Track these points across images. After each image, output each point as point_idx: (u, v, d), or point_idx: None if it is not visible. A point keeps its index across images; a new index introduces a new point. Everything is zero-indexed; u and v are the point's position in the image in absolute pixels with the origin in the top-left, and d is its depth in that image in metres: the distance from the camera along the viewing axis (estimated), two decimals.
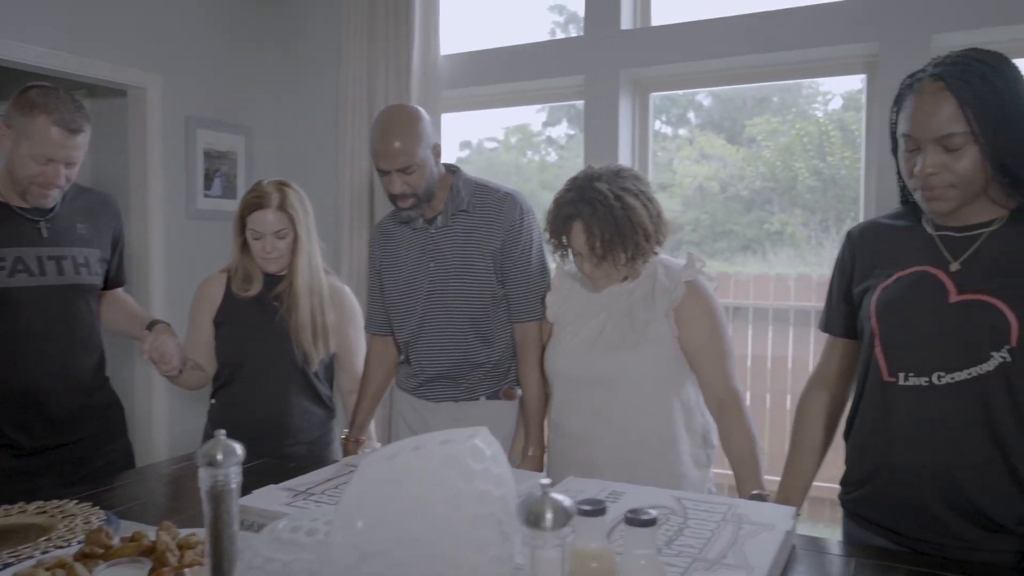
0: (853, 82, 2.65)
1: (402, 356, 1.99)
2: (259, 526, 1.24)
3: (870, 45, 2.39)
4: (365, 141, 2.95)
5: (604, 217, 1.58)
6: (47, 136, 1.66)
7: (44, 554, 1.16)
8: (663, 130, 4.16)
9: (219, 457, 0.94)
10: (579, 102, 2.89)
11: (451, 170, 1.92)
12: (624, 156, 2.77)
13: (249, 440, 1.89)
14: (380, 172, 1.81)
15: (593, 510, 0.85)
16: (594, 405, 1.66)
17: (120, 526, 1.28)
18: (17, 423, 1.74)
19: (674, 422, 1.65)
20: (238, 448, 0.95)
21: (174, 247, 3.11)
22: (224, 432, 0.97)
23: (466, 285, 1.85)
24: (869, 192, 2.55)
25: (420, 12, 2.89)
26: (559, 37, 2.88)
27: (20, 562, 1.13)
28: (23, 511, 1.35)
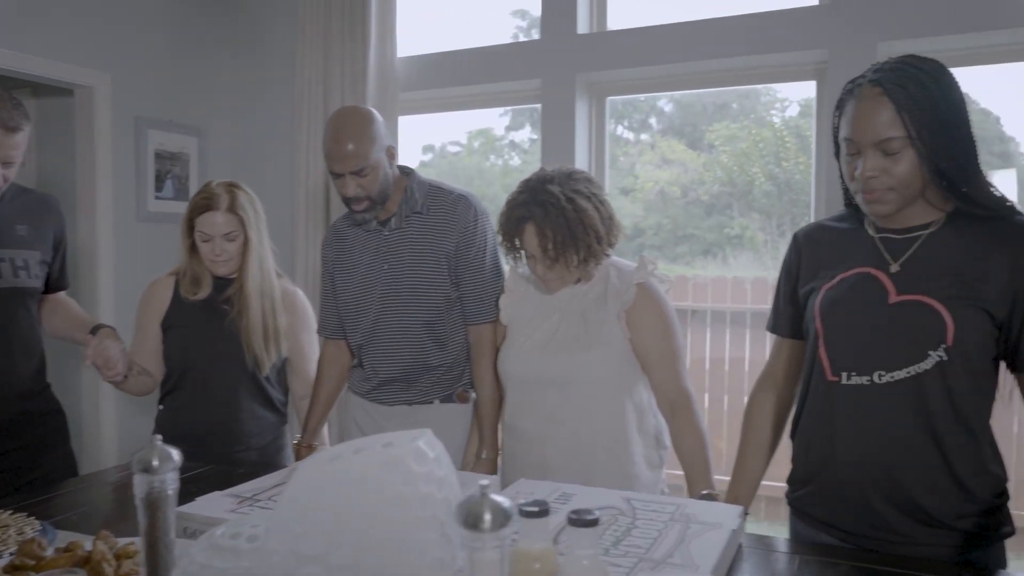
0: (809, 89, 2.71)
1: (355, 360, 1.97)
2: (201, 534, 1.21)
3: (820, 52, 2.44)
4: (321, 143, 2.92)
5: (556, 219, 1.58)
6: None
7: None
8: (625, 135, 4.20)
9: (155, 463, 0.91)
10: (538, 106, 2.90)
11: (405, 172, 1.91)
12: (581, 159, 2.79)
13: (198, 446, 1.88)
14: (333, 175, 1.79)
15: (535, 511, 0.85)
16: (547, 407, 1.67)
17: (56, 537, 1.24)
18: None
19: (627, 423, 1.66)
20: (175, 454, 0.93)
21: (124, 250, 3.03)
22: (161, 437, 0.95)
23: (420, 287, 1.84)
24: (820, 196, 2.60)
25: (376, 14, 2.87)
26: (516, 41, 2.88)
27: None
28: None
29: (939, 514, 1.21)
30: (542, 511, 0.86)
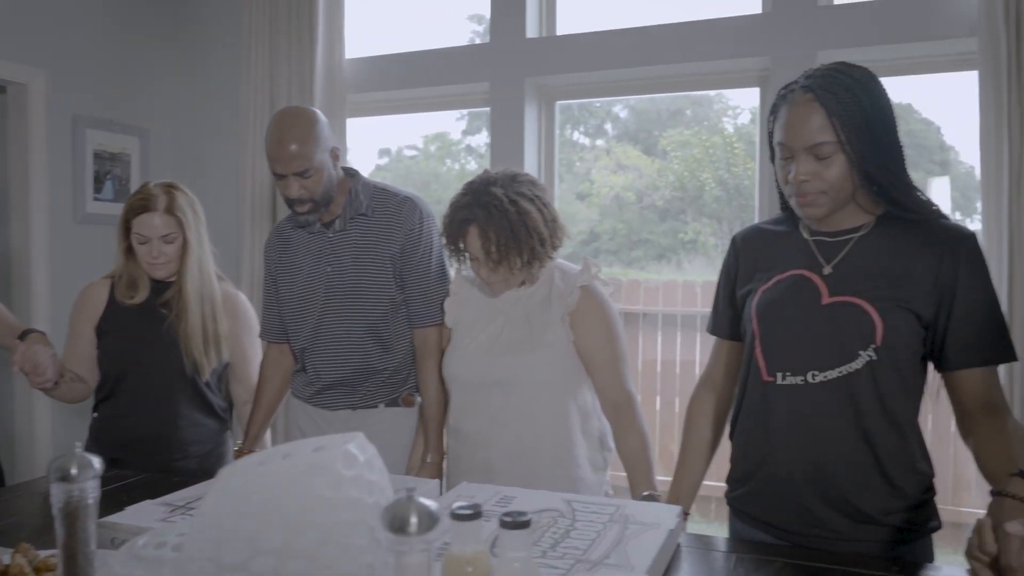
0: (756, 96, 2.76)
1: (298, 364, 1.94)
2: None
3: (763, 60, 2.49)
4: None
5: (499, 222, 1.58)
6: None
7: None
8: (581, 140, 4.23)
9: (73, 471, 0.88)
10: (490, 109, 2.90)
11: (350, 174, 1.89)
12: (531, 163, 2.80)
13: (134, 454, 1.83)
14: (275, 176, 1.76)
15: (466, 514, 0.84)
16: (491, 409, 1.66)
17: None
18: None
19: (571, 426, 1.66)
20: (95, 461, 0.90)
21: (60, 253, 2.93)
22: (80, 445, 0.92)
23: (364, 290, 1.82)
24: (763, 200, 2.65)
25: (324, 14, 2.84)
26: (466, 44, 2.88)
27: None
28: None
29: (870, 510, 1.23)
30: (474, 514, 0.85)
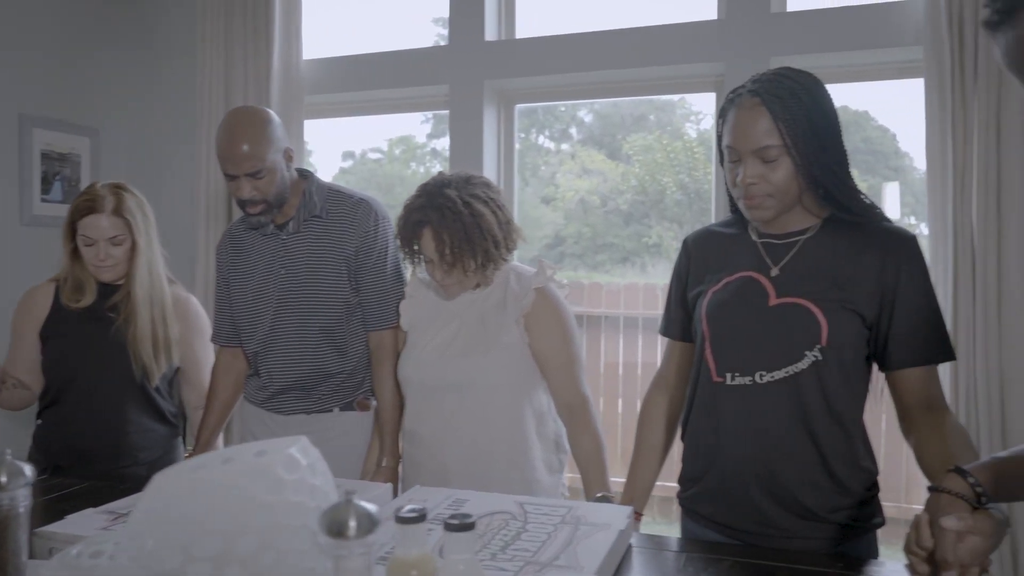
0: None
1: (251, 368, 1.91)
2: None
3: (718, 65, 2.52)
4: None
5: (453, 223, 1.58)
6: None
7: None
8: (546, 144, 4.24)
9: (2, 479, 0.86)
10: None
11: (303, 175, 1.87)
12: (490, 166, 2.79)
13: (80, 462, 1.79)
14: (227, 176, 1.73)
15: (409, 517, 0.83)
16: (446, 412, 1.65)
17: None
18: None
19: (526, 428, 1.66)
20: (26, 469, 0.87)
21: (5, 256, 2.85)
22: (11, 452, 0.89)
23: (318, 293, 1.80)
24: (719, 204, 2.68)
25: (281, 14, 2.80)
26: (425, 46, 2.87)
27: None
28: None
29: (815, 508, 1.25)
30: (417, 517, 0.84)
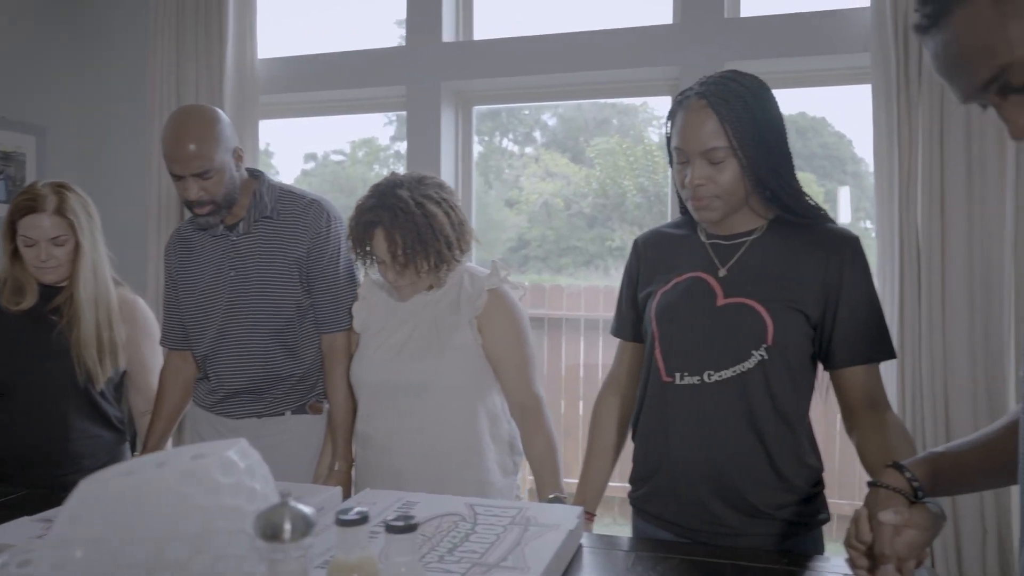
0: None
1: (200, 372, 1.87)
2: None
3: (673, 69, 2.55)
4: None
5: (405, 224, 1.56)
6: None
7: None
8: (510, 148, 4.24)
9: None
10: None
11: (254, 175, 1.84)
12: (447, 168, 2.78)
13: (21, 469, 1.73)
14: (174, 177, 1.70)
15: (350, 520, 0.82)
16: (399, 414, 1.64)
17: None
18: None
19: (480, 430, 1.66)
20: None
21: None
22: None
23: (269, 295, 1.77)
24: (674, 206, 2.71)
25: (234, 11, 2.76)
26: (381, 46, 2.85)
27: None
28: None
29: (762, 505, 1.27)
30: (358, 520, 0.83)
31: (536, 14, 2.98)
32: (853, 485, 3.51)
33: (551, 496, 1.55)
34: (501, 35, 2.76)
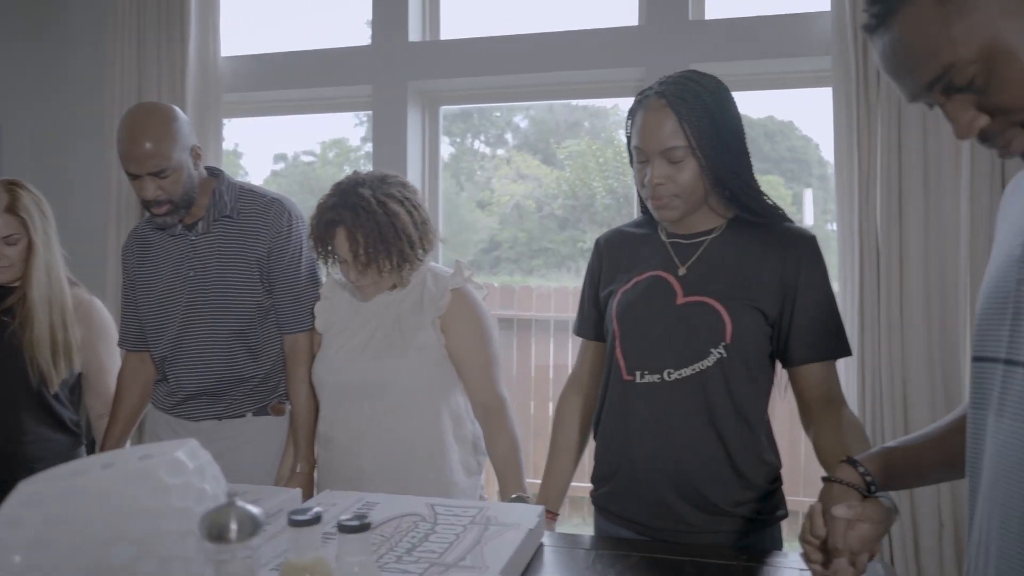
0: None
1: (159, 373, 1.84)
2: None
3: (638, 70, 2.56)
4: None
5: (367, 223, 1.55)
6: None
7: None
8: (482, 149, 4.24)
9: None
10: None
11: (213, 174, 1.81)
12: (414, 168, 2.77)
13: None
14: (130, 176, 1.67)
15: (302, 520, 0.81)
16: (362, 415, 1.62)
17: None
18: None
19: (443, 430, 1.65)
20: None
21: None
22: None
23: (230, 295, 1.75)
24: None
25: (197, 8, 2.72)
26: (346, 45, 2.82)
27: None
28: None
29: (720, 502, 1.28)
30: (310, 520, 0.82)
31: (503, 14, 2.99)
32: (816, 482, 3.54)
33: (514, 496, 1.55)
34: (468, 35, 2.75)
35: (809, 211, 3.33)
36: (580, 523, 3.75)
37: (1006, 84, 0.74)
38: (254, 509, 0.71)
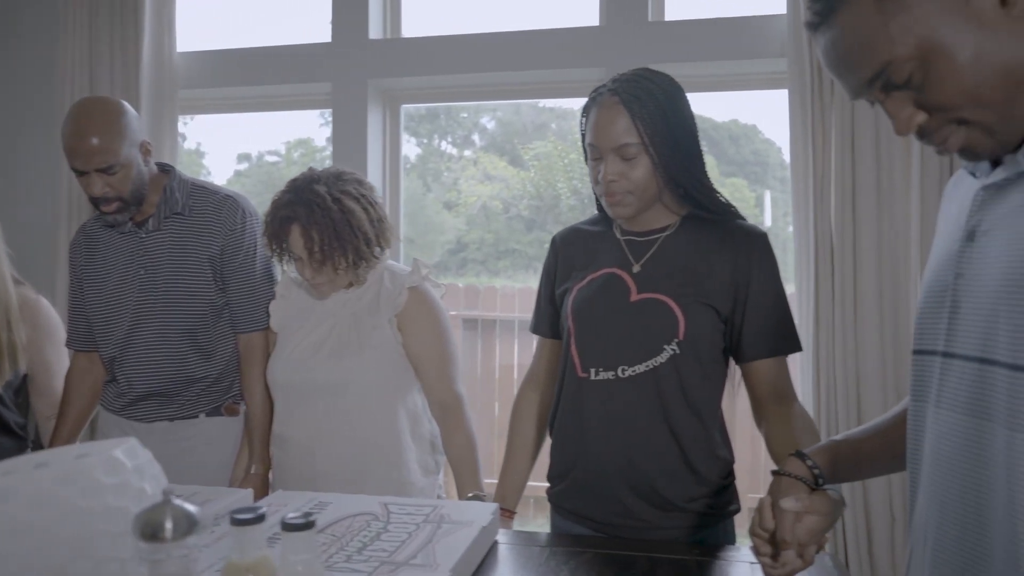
0: None
1: (108, 374, 1.80)
2: None
3: (599, 71, 2.57)
4: None
5: (322, 220, 1.53)
6: None
7: None
8: (449, 150, 4.22)
9: None
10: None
11: (165, 170, 1.78)
12: (374, 167, 2.75)
13: None
14: (76, 172, 1.63)
15: (244, 519, 0.80)
16: (318, 415, 1.60)
17: None
18: None
19: (400, 430, 1.63)
20: None
21: None
22: None
23: (181, 294, 1.72)
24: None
25: (152, 2, 2.66)
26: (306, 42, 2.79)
27: None
28: None
29: (674, 498, 1.29)
30: (253, 519, 0.81)
31: (465, 13, 2.98)
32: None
33: (470, 495, 1.54)
34: (429, 33, 2.74)
35: (766, 209, 3.38)
36: (545, 523, 3.75)
37: (941, 82, 0.76)
38: (191, 507, 0.69)
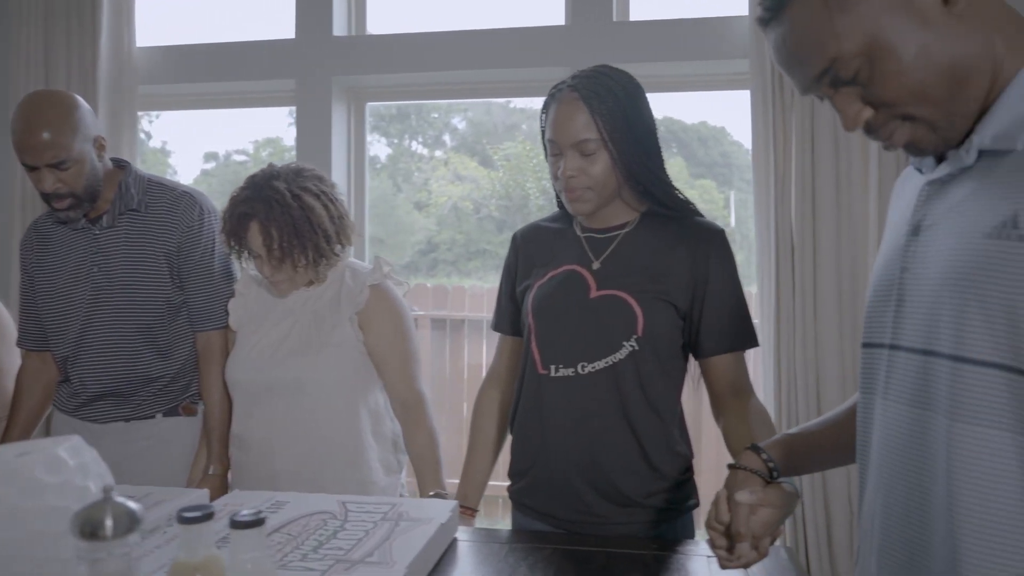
0: None
1: (62, 374, 1.76)
2: None
3: (564, 70, 2.58)
4: None
5: (281, 217, 1.51)
6: None
7: None
8: (419, 150, 4.19)
9: None
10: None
11: (120, 165, 1.74)
12: (339, 165, 2.73)
13: None
14: (26, 167, 1.59)
15: (192, 517, 0.78)
16: (277, 414, 1.58)
17: None
18: None
19: (361, 429, 1.62)
20: None
21: None
22: None
23: (136, 292, 1.68)
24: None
25: None
26: (269, 38, 2.76)
27: None
28: None
29: (633, 494, 1.29)
30: (201, 517, 0.79)
31: (430, 11, 2.97)
32: None
33: (432, 493, 1.53)
34: (394, 31, 2.72)
35: (730, 209, 3.41)
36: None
37: (886, 78, 0.77)
38: (132, 504, 0.68)
